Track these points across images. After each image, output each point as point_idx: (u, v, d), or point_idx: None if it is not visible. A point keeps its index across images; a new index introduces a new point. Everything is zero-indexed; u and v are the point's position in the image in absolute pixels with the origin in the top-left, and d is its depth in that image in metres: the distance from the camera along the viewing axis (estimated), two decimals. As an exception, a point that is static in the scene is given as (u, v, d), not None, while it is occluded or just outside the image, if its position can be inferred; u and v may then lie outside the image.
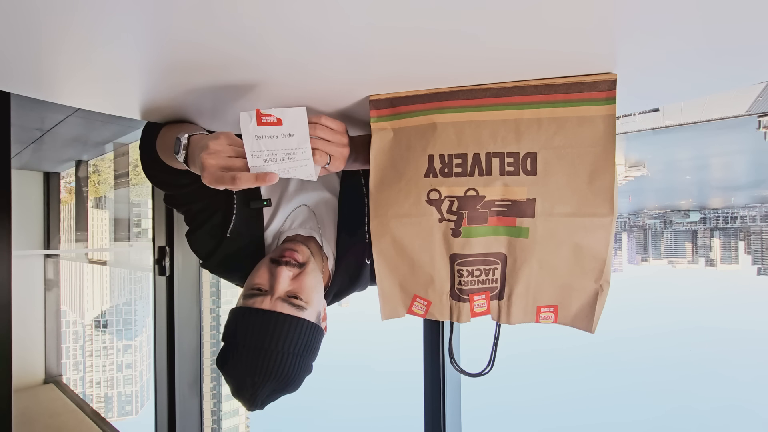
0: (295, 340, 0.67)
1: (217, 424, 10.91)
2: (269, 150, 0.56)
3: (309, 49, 0.49)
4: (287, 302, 0.69)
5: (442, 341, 1.32)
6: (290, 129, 0.55)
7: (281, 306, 0.69)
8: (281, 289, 0.70)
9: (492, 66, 0.54)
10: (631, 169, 30.76)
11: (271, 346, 0.66)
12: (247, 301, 0.70)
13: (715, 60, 0.52)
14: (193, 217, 0.82)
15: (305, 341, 0.69)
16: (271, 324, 0.67)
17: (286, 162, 0.57)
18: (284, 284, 0.70)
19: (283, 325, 0.67)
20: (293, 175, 0.59)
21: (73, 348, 15.82)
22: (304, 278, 0.72)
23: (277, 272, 0.70)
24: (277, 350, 0.66)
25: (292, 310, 0.69)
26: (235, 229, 0.80)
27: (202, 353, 1.94)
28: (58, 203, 3.89)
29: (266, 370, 0.65)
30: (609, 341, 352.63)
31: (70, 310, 9.10)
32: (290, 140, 0.56)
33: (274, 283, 0.70)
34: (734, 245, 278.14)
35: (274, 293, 0.69)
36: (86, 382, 23.55)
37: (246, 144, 0.56)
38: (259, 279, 0.72)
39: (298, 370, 0.68)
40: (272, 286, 0.70)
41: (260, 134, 0.55)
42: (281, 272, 0.70)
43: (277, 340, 0.66)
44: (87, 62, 0.52)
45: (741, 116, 14.16)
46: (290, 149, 0.57)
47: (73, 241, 4.50)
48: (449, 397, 1.33)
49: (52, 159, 3.68)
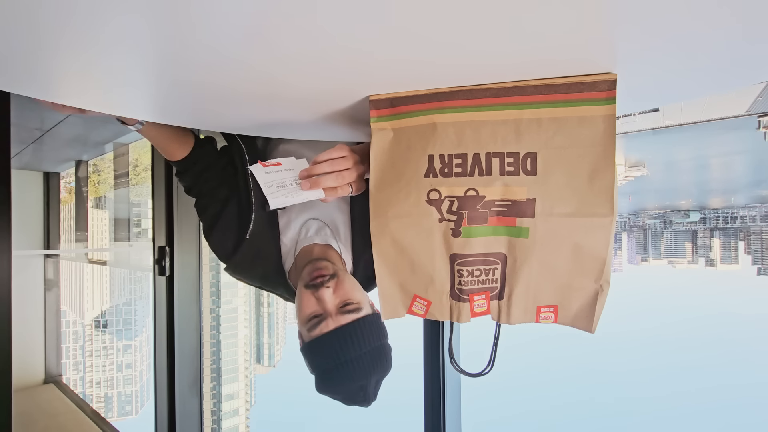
0: (369, 336, 0.75)
1: (217, 424, 10.89)
2: (278, 180, 0.68)
3: (309, 49, 0.49)
4: (345, 313, 0.76)
5: (442, 341, 1.32)
6: (289, 166, 0.69)
7: (343, 318, 0.75)
8: (332, 307, 0.76)
9: (492, 66, 0.54)
10: (631, 169, 30.78)
11: (358, 352, 0.73)
12: (313, 333, 0.75)
13: (716, 60, 0.52)
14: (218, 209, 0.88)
15: (376, 331, 0.76)
16: (347, 337, 0.73)
17: (294, 187, 0.68)
18: (332, 301, 0.76)
19: (354, 331, 0.74)
20: (304, 198, 0.68)
21: (73, 348, 15.84)
22: (343, 285, 0.78)
23: (320, 295, 0.76)
24: (363, 353, 0.73)
25: (353, 316, 0.75)
26: (253, 231, 0.86)
27: (202, 353, 1.94)
28: (58, 203, 3.89)
29: (365, 371, 0.73)
30: (609, 341, 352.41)
31: (70, 310, 9.10)
32: (292, 173, 0.68)
33: (324, 305, 0.76)
34: (734, 245, 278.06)
35: (330, 313, 0.75)
36: (86, 382, 23.56)
37: (260, 182, 0.67)
38: (310, 309, 0.77)
39: (384, 353, 0.77)
40: (324, 308, 0.76)
41: (268, 171, 0.68)
42: (324, 294, 0.76)
43: (359, 346, 0.73)
44: (87, 63, 0.52)
45: (741, 116, 14.16)
46: (295, 178, 0.68)
47: (73, 241, 4.50)
48: (449, 397, 1.33)
49: (52, 159, 3.68)
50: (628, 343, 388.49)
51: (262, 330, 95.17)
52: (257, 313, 74.46)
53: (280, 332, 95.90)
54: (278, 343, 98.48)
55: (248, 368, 69.11)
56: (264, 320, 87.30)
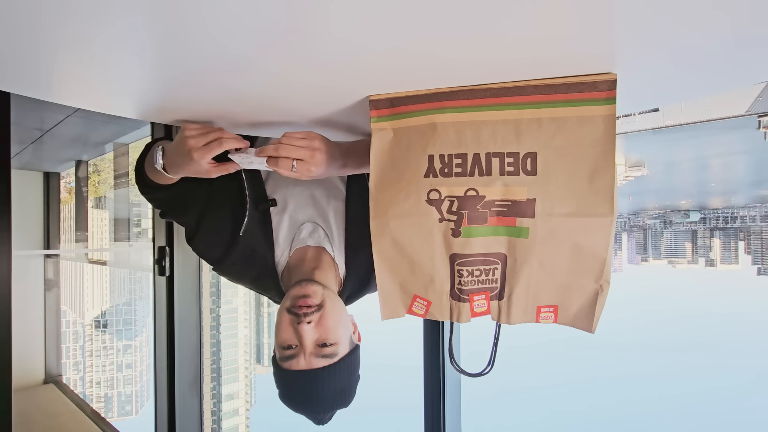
0: (339, 379, 0.73)
1: (217, 424, 10.89)
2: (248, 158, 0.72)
3: (309, 49, 0.49)
4: (319, 356, 0.72)
5: (442, 341, 1.32)
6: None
7: (316, 362, 0.72)
8: (309, 345, 0.72)
9: (492, 66, 0.54)
10: (631, 169, 30.76)
11: (323, 394, 0.72)
12: (284, 363, 0.73)
13: (716, 60, 0.52)
14: (199, 218, 0.84)
15: (348, 370, 0.75)
16: (316, 380, 0.72)
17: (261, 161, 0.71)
18: (310, 338, 0.72)
19: (324, 377, 0.72)
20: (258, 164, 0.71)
21: (73, 348, 15.86)
22: (326, 321, 0.73)
23: (300, 330, 0.71)
24: (328, 393, 0.72)
25: (327, 360, 0.72)
26: (247, 229, 0.83)
27: (202, 353, 1.94)
28: (58, 203, 3.89)
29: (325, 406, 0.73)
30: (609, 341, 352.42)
31: (70, 310, 9.10)
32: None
33: (301, 341, 0.72)
34: (734, 245, 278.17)
35: (305, 350, 0.72)
36: (86, 382, 23.57)
37: (233, 157, 0.71)
38: (285, 336, 0.73)
39: (350, 389, 0.76)
40: (300, 342, 0.72)
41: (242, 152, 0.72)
42: (303, 330, 0.71)
43: (325, 389, 0.72)
44: (87, 63, 0.52)
45: (741, 116, 14.16)
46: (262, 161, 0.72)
47: (73, 241, 4.50)
48: (449, 397, 1.33)
49: (52, 159, 3.69)
50: (628, 344, 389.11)
51: (262, 330, 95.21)
52: (257, 313, 74.48)
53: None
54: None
55: (248, 368, 69.12)
56: (264, 320, 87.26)
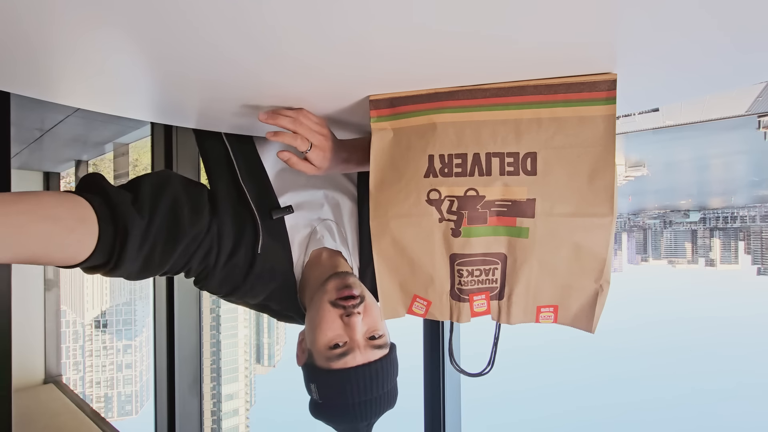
0: (392, 375, 0.70)
1: (217, 424, 10.87)
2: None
3: (309, 49, 0.49)
4: (374, 348, 0.69)
5: (442, 341, 1.32)
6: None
7: (372, 354, 0.68)
8: (361, 337, 0.68)
9: (492, 66, 0.54)
10: (631, 169, 30.76)
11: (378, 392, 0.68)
12: (336, 364, 0.67)
13: (716, 60, 0.52)
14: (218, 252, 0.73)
15: (395, 368, 0.72)
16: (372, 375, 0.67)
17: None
18: (361, 331, 0.68)
19: (380, 370, 0.68)
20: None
21: (73, 348, 15.79)
22: (371, 311, 0.71)
23: (351, 322, 0.68)
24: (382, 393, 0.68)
25: (381, 352, 0.69)
26: (264, 244, 0.75)
27: (202, 353, 1.94)
28: (58, 203, 3.87)
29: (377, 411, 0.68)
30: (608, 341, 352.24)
31: (70, 310, 9.08)
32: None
33: (352, 334, 0.68)
34: (734, 245, 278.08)
35: (357, 344, 0.68)
36: (86, 382, 23.50)
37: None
38: (334, 333, 0.68)
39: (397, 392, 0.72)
40: (351, 337, 0.68)
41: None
42: (355, 322, 0.68)
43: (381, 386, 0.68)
44: (87, 63, 0.52)
45: (741, 116, 14.16)
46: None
47: (73, 241, 4.48)
48: (449, 397, 1.33)
49: (52, 159, 3.68)
50: (628, 344, 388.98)
51: (262, 330, 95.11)
52: (257, 313, 74.48)
53: (280, 332, 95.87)
54: (278, 343, 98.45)
55: (248, 368, 69.10)
56: (264, 320, 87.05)
